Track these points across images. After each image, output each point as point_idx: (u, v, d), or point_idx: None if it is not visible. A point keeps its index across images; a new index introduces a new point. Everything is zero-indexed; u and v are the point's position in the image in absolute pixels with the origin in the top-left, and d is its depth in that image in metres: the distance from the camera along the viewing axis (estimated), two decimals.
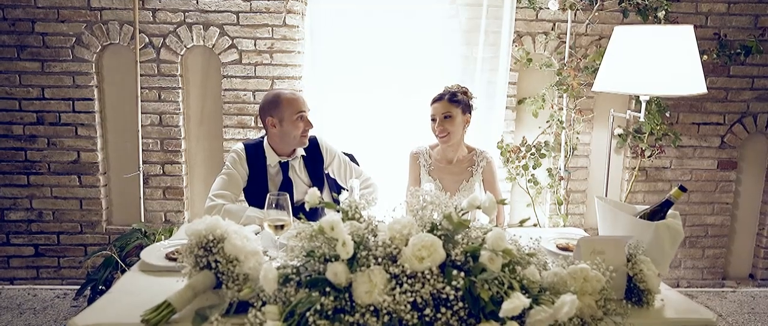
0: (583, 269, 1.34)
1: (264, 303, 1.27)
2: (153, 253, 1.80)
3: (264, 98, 2.39)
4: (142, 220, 3.40)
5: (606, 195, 3.10)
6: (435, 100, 2.56)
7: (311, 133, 2.40)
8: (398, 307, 1.21)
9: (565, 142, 3.45)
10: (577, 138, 3.45)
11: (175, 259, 1.69)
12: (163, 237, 2.94)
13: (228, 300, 1.33)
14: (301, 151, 2.43)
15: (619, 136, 3.48)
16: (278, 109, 2.31)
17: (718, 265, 3.72)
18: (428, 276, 1.25)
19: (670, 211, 1.68)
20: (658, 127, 3.37)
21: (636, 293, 1.48)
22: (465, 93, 2.58)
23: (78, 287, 2.99)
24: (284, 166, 2.40)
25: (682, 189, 1.65)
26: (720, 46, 3.39)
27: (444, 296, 1.24)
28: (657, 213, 1.69)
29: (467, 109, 2.56)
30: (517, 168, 3.42)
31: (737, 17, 3.41)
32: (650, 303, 1.47)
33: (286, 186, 2.37)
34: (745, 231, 3.74)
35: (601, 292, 1.34)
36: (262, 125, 3.31)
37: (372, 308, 1.23)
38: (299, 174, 2.44)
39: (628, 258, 1.51)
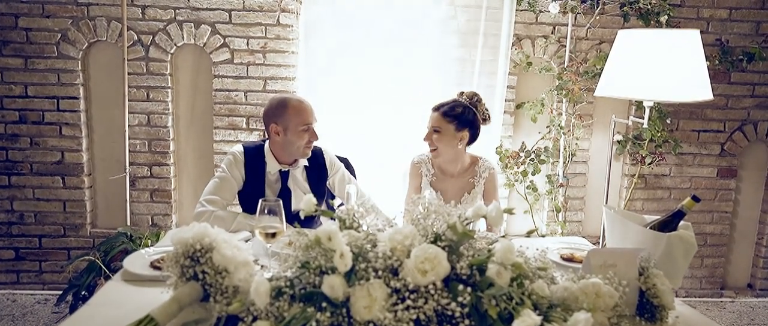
0: (595, 284, 1.26)
1: (255, 318, 1.18)
2: (137, 261, 1.70)
3: (270, 102, 2.25)
4: (128, 224, 3.29)
5: (606, 203, 3.04)
6: (433, 109, 2.38)
7: (316, 143, 2.27)
8: (400, 325, 1.12)
9: (564, 148, 3.38)
10: (576, 144, 3.39)
11: (160, 268, 1.60)
12: (149, 241, 2.84)
13: (216, 314, 1.23)
14: (303, 161, 2.31)
15: (619, 142, 3.41)
16: (284, 116, 2.17)
17: (717, 275, 3.66)
18: (432, 291, 1.17)
19: (682, 222, 1.61)
20: (659, 134, 3.32)
21: (649, 309, 1.39)
22: (470, 106, 2.35)
23: (60, 292, 2.88)
24: (284, 175, 2.28)
25: (695, 199, 1.58)
26: (722, 52, 3.34)
27: (449, 312, 1.15)
28: (668, 224, 1.62)
29: (465, 124, 2.33)
30: (516, 174, 3.35)
31: (739, 24, 3.37)
32: (664, 320, 1.39)
33: (284, 195, 2.25)
34: (744, 241, 3.69)
35: (614, 309, 1.26)
36: (254, 128, 3.27)
37: (371, 325, 1.14)
38: (299, 184, 2.31)
39: (639, 271, 1.43)
